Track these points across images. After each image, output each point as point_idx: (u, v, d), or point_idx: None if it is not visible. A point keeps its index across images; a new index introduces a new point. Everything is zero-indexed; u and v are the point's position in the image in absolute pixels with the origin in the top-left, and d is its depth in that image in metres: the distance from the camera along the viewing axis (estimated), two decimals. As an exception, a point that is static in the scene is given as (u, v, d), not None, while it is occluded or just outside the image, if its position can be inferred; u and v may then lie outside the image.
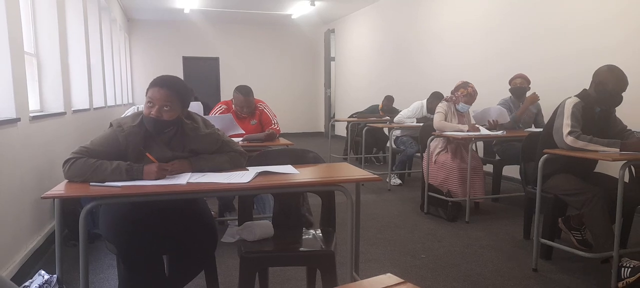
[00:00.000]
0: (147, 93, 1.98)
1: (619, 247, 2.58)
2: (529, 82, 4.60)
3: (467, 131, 4.08)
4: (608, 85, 2.77)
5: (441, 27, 7.25)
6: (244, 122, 3.83)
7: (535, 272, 2.91)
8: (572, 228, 3.23)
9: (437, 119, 4.25)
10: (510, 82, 4.64)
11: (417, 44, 7.98)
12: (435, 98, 5.69)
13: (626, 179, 2.57)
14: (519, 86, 4.55)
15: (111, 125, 1.99)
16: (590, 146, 2.69)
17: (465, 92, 4.23)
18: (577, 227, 3.22)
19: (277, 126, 3.85)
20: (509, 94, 4.64)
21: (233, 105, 3.87)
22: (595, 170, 3.12)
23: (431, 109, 5.71)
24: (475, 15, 6.42)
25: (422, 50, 7.84)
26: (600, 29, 4.52)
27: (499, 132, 4.18)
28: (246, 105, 3.79)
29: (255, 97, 3.96)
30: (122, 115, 3.69)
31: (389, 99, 6.94)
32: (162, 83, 1.96)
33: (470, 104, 4.29)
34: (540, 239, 2.96)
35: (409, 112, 5.73)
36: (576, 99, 2.86)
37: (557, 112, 2.91)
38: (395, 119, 5.86)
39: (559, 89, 4.61)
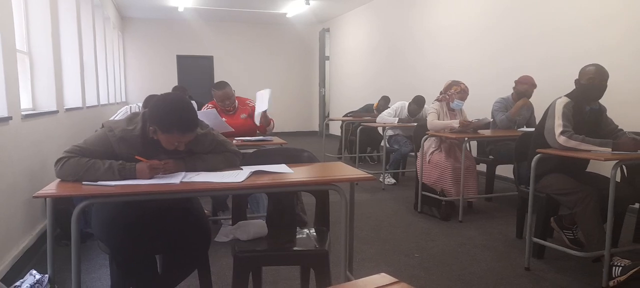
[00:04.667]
0: (172, 133, 1.87)
1: (611, 246, 2.60)
2: (534, 86, 4.54)
3: (460, 126, 4.08)
4: (581, 80, 2.92)
5: (436, 28, 7.26)
6: (234, 117, 3.82)
7: (527, 271, 2.93)
8: (564, 227, 3.25)
9: (431, 119, 4.26)
10: (516, 83, 4.55)
11: (412, 43, 7.99)
12: (416, 102, 5.71)
13: (618, 179, 2.59)
14: (524, 92, 4.49)
15: (103, 126, 1.97)
16: (583, 146, 2.72)
17: (459, 89, 4.24)
18: (569, 227, 3.24)
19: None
20: (507, 94, 4.60)
21: (219, 104, 3.86)
22: (587, 170, 3.14)
23: (412, 112, 5.74)
24: (470, 16, 6.44)
25: (416, 50, 7.86)
26: (595, 30, 4.54)
27: (487, 131, 4.17)
28: (226, 98, 3.80)
29: (248, 96, 3.97)
30: (114, 115, 3.67)
31: (385, 99, 6.95)
32: (193, 126, 1.92)
33: (464, 100, 4.30)
34: (533, 238, 2.98)
35: (390, 111, 5.74)
36: (566, 99, 2.90)
37: (548, 113, 2.94)
38: (377, 119, 5.87)
39: (553, 90, 4.59)
